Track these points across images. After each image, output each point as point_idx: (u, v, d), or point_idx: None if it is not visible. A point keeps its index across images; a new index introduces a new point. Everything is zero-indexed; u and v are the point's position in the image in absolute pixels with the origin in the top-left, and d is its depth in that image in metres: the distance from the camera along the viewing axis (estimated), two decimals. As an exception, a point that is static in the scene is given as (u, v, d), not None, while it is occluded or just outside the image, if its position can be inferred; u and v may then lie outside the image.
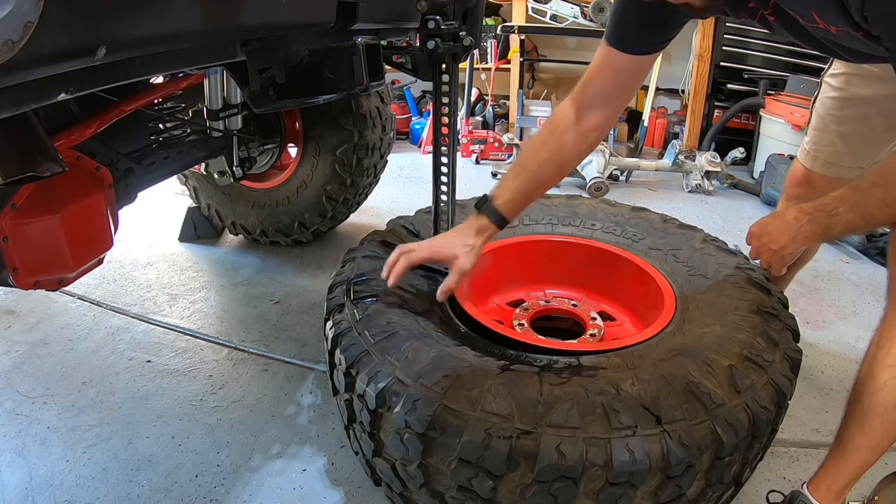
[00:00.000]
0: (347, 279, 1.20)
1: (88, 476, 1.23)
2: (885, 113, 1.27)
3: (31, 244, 1.08)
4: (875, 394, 0.91)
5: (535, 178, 1.16)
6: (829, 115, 1.35)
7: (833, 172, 1.38)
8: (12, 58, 0.51)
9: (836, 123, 1.34)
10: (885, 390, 0.90)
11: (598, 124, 1.13)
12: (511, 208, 1.16)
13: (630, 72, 1.09)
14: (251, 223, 2.25)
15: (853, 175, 1.36)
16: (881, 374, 0.91)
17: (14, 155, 0.86)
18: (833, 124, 1.34)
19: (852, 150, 1.34)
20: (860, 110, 1.29)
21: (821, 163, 1.39)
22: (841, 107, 1.32)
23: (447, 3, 1.35)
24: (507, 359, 0.99)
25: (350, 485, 1.22)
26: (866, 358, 0.95)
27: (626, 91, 1.14)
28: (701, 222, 1.58)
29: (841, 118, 1.33)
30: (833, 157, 1.37)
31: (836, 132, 1.34)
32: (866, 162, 1.34)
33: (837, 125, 1.34)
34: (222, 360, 1.63)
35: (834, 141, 1.35)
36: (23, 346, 1.67)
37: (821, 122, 1.37)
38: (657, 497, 0.84)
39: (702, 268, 1.31)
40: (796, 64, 3.50)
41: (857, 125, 1.31)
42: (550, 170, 1.17)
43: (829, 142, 1.36)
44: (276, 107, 1.24)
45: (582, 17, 3.61)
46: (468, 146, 3.68)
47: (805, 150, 1.43)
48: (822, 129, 1.37)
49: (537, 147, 1.18)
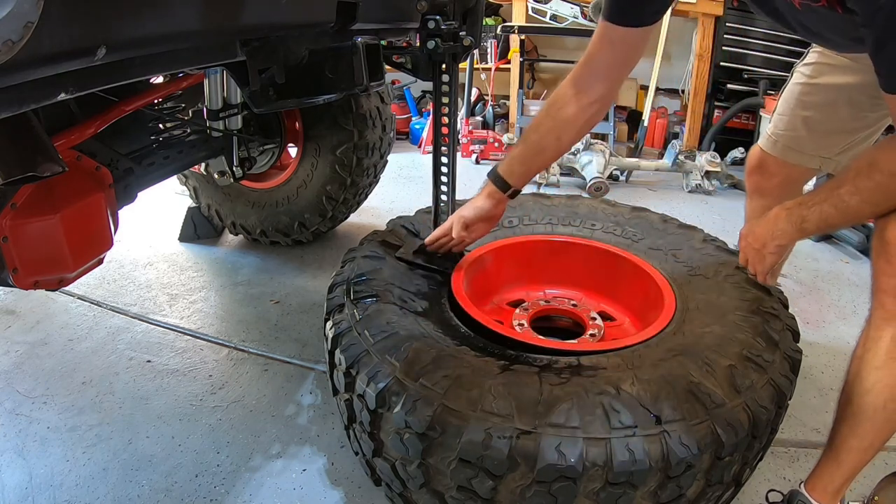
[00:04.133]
0: (347, 279, 1.20)
1: (88, 476, 1.23)
2: (853, 102, 1.27)
3: (31, 244, 1.08)
4: (864, 396, 0.91)
5: (533, 147, 1.24)
6: (795, 101, 1.36)
7: (792, 158, 1.38)
8: (12, 58, 0.51)
9: (802, 108, 1.35)
10: (873, 392, 0.90)
11: (597, 97, 1.17)
12: (509, 171, 1.26)
13: (625, 45, 1.12)
14: (251, 223, 2.25)
15: (813, 164, 1.37)
16: (869, 376, 0.91)
17: (14, 155, 0.86)
18: (799, 109, 1.35)
19: (815, 137, 1.35)
20: (827, 97, 1.30)
21: (781, 147, 1.39)
22: (809, 93, 1.33)
23: (447, 3, 1.35)
24: (507, 359, 0.99)
25: (350, 485, 1.22)
26: (853, 360, 0.95)
27: (623, 65, 1.17)
28: (701, 222, 1.58)
29: (807, 103, 1.34)
30: (794, 141, 1.37)
31: (800, 117, 1.35)
32: (827, 151, 1.34)
33: (802, 110, 1.35)
34: (222, 360, 1.63)
35: (797, 126, 1.36)
36: (23, 346, 1.67)
37: (787, 108, 1.38)
38: (657, 497, 0.84)
39: (702, 268, 1.31)
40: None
41: (822, 111, 1.32)
42: (548, 141, 1.22)
43: (792, 126, 1.37)
44: (276, 107, 1.24)
45: (582, 17, 3.61)
46: (468, 146, 3.68)
47: (766, 135, 1.43)
48: (787, 114, 1.38)
49: (536, 122, 1.25)
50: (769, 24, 3.47)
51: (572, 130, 1.21)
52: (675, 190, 3.23)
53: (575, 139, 1.25)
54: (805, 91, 1.34)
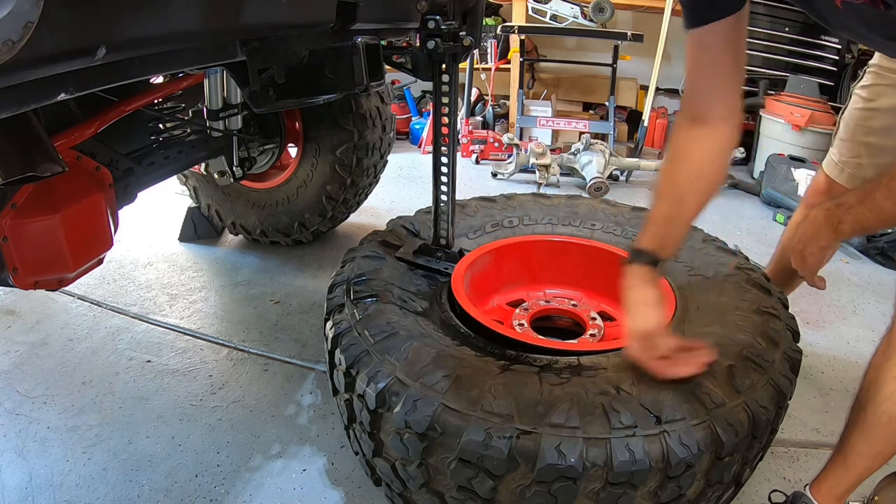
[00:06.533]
0: (347, 279, 1.20)
1: (88, 476, 1.23)
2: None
3: (31, 244, 1.08)
4: (880, 405, 0.91)
5: (673, 201, 1.03)
6: (857, 126, 1.34)
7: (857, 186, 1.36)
8: (12, 58, 0.51)
9: (864, 134, 1.33)
10: (890, 401, 0.90)
11: (722, 115, 0.98)
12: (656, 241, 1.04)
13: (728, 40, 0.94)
14: (251, 223, 2.25)
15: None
16: (886, 385, 0.90)
17: (14, 155, 0.86)
18: (860, 135, 1.33)
19: (876, 163, 1.32)
20: (887, 121, 1.28)
21: (847, 175, 1.38)
22: (869, 118, 1.31)
23: (447, 3, 1.35)
24: (507, 359, 0.99)
25: (350, 485, 1.22)
26: (871, 367, 0.94)
27: (734, 65, 0.97)
28: (701, 222, 1.57)
29: (868, 129, 1.32)
30: (858, 168, 1.36)
31: (862, 143, 1.33)
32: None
33: (864, 136, 1.33)
34: (222, 360, 1.63)
35: (860, 153, 1.34)
36: (23, 346, 1.67)
37: (848, 133, 1.36)
38: (657, 497, 0.84)
39: (702, 268, 1.31)
40: (796, 64, 3.50)
41: (882, 136, 1.30)
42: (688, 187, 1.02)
43: (856, 153, 1.35)
44: (276, 107, 1.24)
45: (582, 17, 3.61)
46: (468, 146, 3.68)
47: (832, 162, 1.42)
48: (849, 140, 1.36)
49: (665, 175, 1.05)
50: (769, 24, 3.47)
51: (709, 163, 1.02)
52: (675, 190, 3.22)
53: (718, 171, 1.05)
54: (865, 117, 1.32)
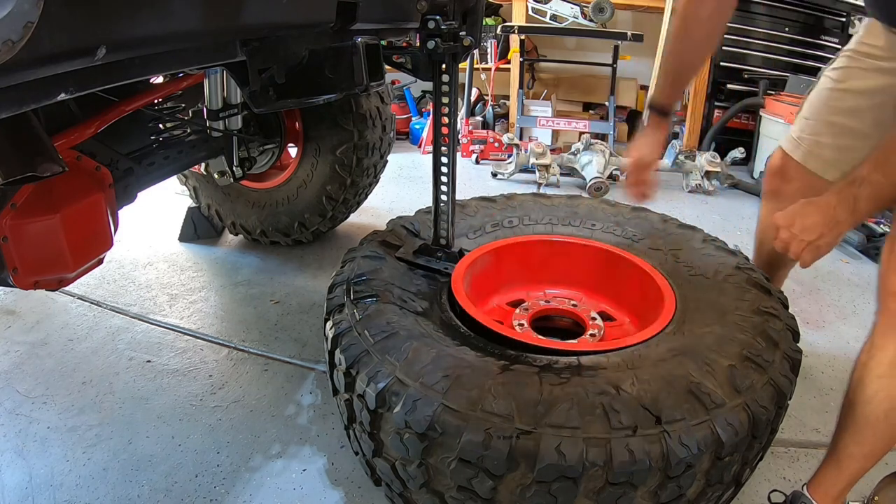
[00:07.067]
0: (347, 279, 1.20)
1: (88, 476, 1.23)
2: (878, 106, 1.25)
3: (31, 244, 1.08)
4: (866, 405, 0.91)
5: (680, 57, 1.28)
6: (823, 106, 1.34)
7: (812, 164, 1.36)
8: (12, 58, 0.51)
9: (829, 114, 1.32)
10: (875, 401, 0.90)
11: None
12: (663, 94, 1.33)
13: None
14: (251, 223, 2.25)
15: (829, 176, 1.33)
16: (871, 384, 0.91)
17: (14, 155, 0.86)
18: (826, 114, 1.33)
19: (837, 144, 1.32)
20: (855, 102, 1.28)
21: (803, 151, 1.37)
22: (837, 98, 1.31)
23: (447, 3, 1.35)
24: (507, 359, 0.99)
25: (350, 485, 1.22)
26: (857, 366, 0.94)
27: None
28: (701, 222, 1.58)
29: (835, 109, 1.31)
30: (816, 146, 1.35)
31: (826, 122, 1.33)
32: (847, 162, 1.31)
33: (829, 115, 1.32)
34: (222, 360, 1.63)
35: (821, 131, 1.34)
36: (23, 346, 1.67)
37: (812, 112, 1.36)
38: (657, 497, 0.84)
39: (702, 268, 1.31)
40: (796, 64, 3.51)
41: (849, 117, 1.30)
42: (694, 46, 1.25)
43: (817, 132, 1.35)
44: (276, 107, 1.24)
45: (582, 17, 3.61)
46: (468, 146, 3.68)
47: (790, 137, 1.41)
48: (812, 119, 1.36)
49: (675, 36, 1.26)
50: (769, 24, 3.47)
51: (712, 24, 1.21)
52: (675, 190, 3.23)
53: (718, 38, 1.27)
54: (832, 97, 1.32)
